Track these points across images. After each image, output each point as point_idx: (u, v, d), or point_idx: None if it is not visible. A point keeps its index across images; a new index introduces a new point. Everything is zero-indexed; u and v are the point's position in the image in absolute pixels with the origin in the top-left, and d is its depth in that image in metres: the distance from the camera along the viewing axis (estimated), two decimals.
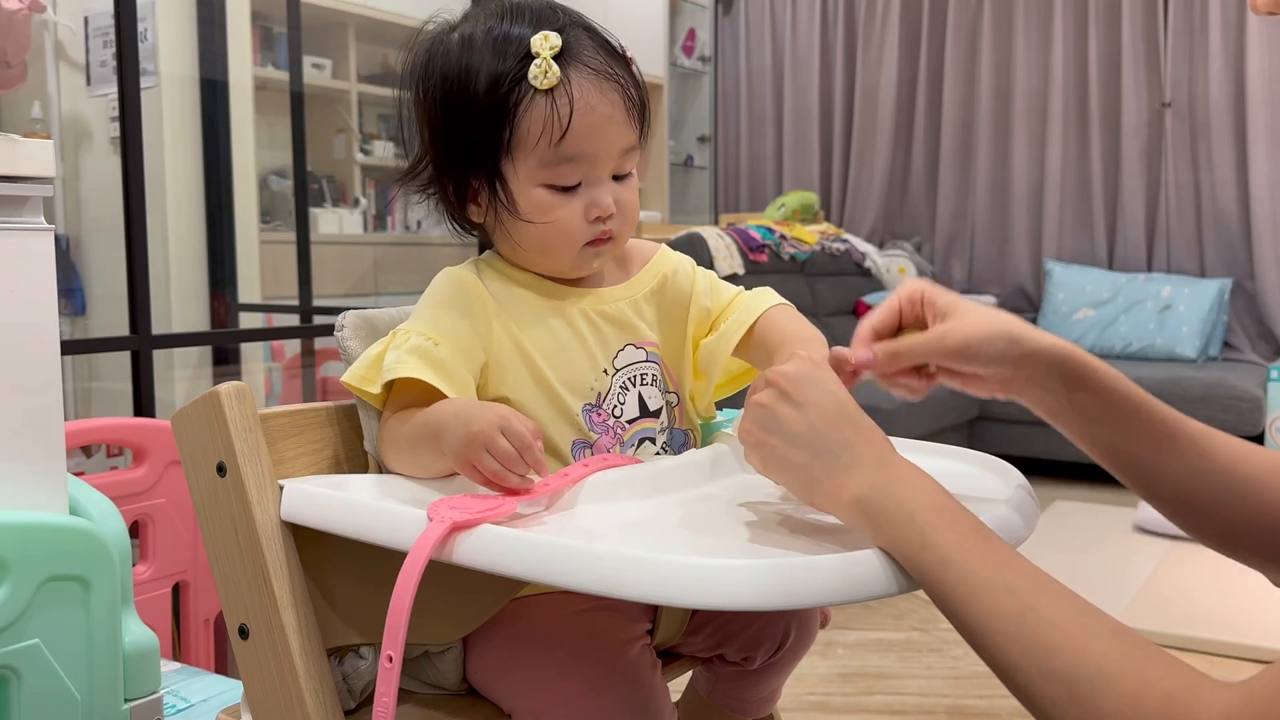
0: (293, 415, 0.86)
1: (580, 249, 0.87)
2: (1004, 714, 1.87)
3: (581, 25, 0.86)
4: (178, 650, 1.57)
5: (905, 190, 5.00)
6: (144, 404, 1.94)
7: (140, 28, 2.53)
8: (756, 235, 3.88)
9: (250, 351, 3.35)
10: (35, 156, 1.01)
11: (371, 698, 0.75)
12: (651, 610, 0.90)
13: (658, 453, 0.90)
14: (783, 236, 4.01)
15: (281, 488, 0.80)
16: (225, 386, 0.80)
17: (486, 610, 0.84)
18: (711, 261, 3.50)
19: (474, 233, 0.93)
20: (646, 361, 0.91)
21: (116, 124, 2.37)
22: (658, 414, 0.91)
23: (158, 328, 2.01)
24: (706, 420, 0.99)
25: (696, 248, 3.52)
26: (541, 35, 0.82)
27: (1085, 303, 4.28)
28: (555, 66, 0.82)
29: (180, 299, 3.11)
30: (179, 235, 3.13)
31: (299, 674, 0.78)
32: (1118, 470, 0.84)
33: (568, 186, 0.85)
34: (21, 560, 0.97)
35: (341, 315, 0.93)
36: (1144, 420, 0.81)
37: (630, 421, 0.89)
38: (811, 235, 4.17)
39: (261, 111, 3.42)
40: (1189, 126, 4.31)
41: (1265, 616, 2.25)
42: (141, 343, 1.94)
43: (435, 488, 0.83)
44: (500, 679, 0.86)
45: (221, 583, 0.81)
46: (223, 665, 1.61)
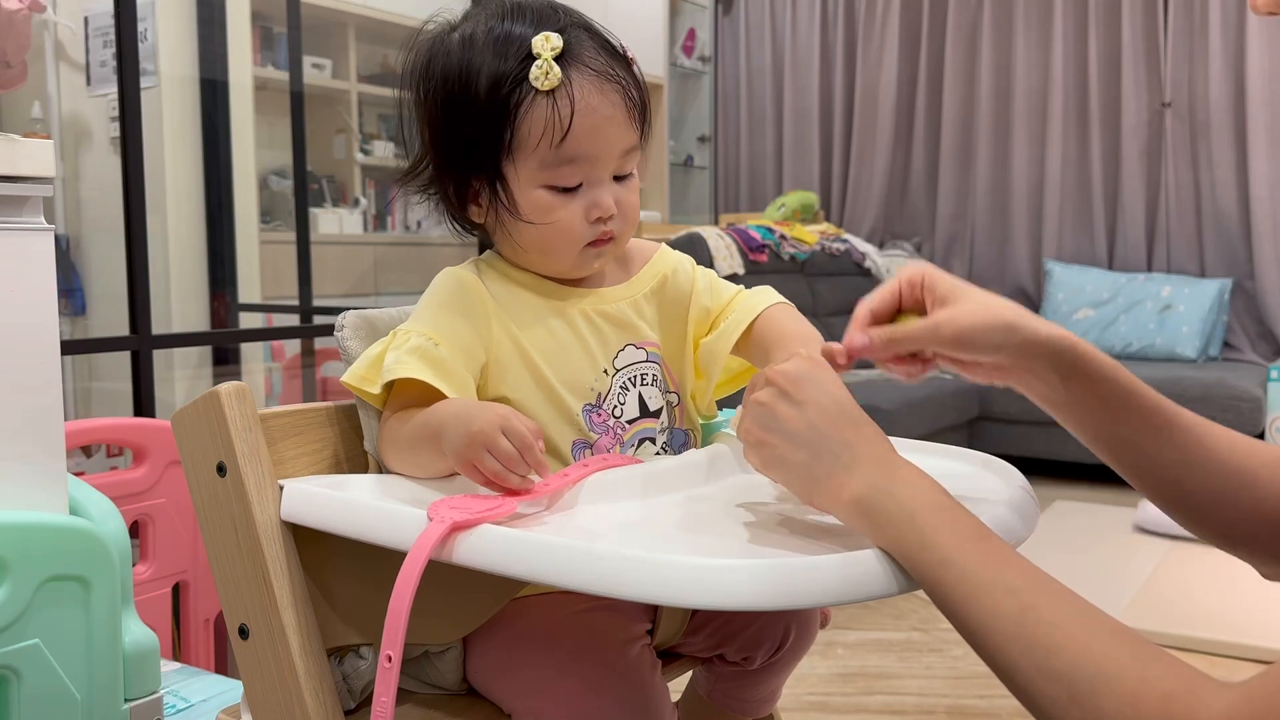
0: (293, 415, 0.87)
1: (581, 250, 0.87)
2: (1004, 714, 1.87)
3: (582, 25, 0.86)
4: (178, 650, 1.56)
5: (905, 190, 5.00)
6: (144, 404, 1.94)
7: (140, 28, 2.53)
8: (756, 235, 3.88)
9: (250, 351, 3.35)
10: (35, 156, 1.01)
11: (371, 698, 0.75)
12: (651, 610, 0.90)
13: (658, 453, 0.90)
14: (783, 236, 4.01)
15: (281, 488, 0.80)
16: (225, 386, 0.80)
17: (486, 610, 0.84)
18: (711, 261, 3.50)
19: (474, 233, 0.93)
20: (647, 361, 0.91)
21: (116, 124, 2.37)
22: (658, 414, 0.91)
23: (158, 328, 2.01)
24: (707, 420, 0.99)
25: (696, 248, 3.52)
26: (542, 36, 0.82)
27: (1085, 303, 4.28)
28: (556, 68, 0.82)
29: (180, 299, 3.11)
30: (179, 235, 3.13)
31: (299, 674, 0.78)
32: (1111, 459, 0.85)
33: (568, 187, 0.85)
34: (21, 560, 0.97)
35: (341, 315, 0.93)
36: (1139, 410, 0.81)
37: (630, 422, 0.89)
38: (811, 235, 4.17)
39: (261, 111, 3.42)
40: (1189, 126, 4.31)
41: (1265, 616, 2.25)
42: (141, 343, 1.94)
43: (435, 488, 0.83)
44: (500, 679, 0.86)
45: (221, 583, 0.81)
46: (223, 665, 1.61)
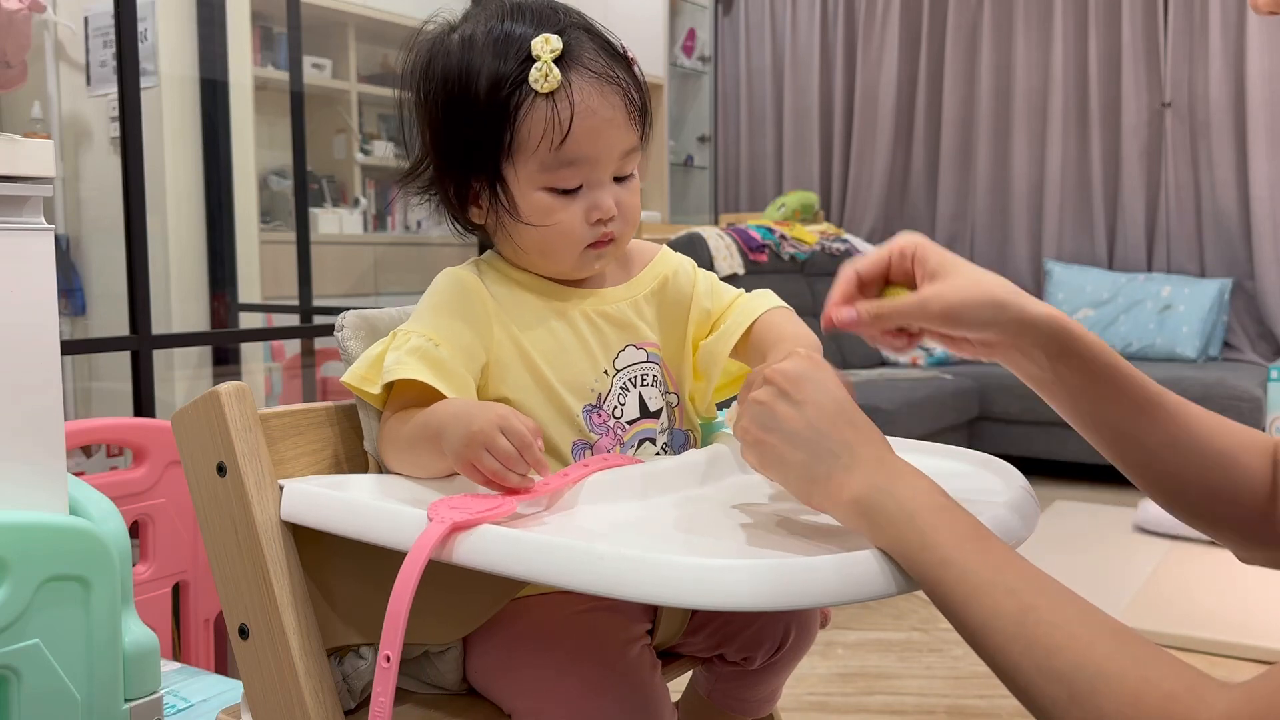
0: (293, 415, 0.86)
1: (582, 251, 0.87)
2: (1004, 714, 1.87)
3: (582, 26, 0.86)
4: (178, 650, 1.56)
5: (905, 190, 5.00)
6: (144, 404, 1.94)
7: (140, 28, 2.53)
8: (756, 235, 3.88)
9: (250, 351, 3.35)
10: (35, 156, 1.01)
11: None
12: (651, 610, 0.90)
13: (658, 453, 0.90)
14: (783, 236, 4.01)
15: (281, 488, 0.80)
16: (225, 386, 0.80)
17: (486, 610, 0.84)
18: (711, 262, 3.50)
19: (475, 233, 0.93)
20: (647, 362, 0.91)
21: (116, 124, 2.37)
22: (658, 414, 0.91)
23: (158, 328, 2.01)
24: (707, 421, 0.99)
25: (696, 248, 3.52)
26: (542, 38, 0.82)
27: (1085, 303, 4.29)
28: (556, 70, 0.81)
29: (180, 299, 3.11)
30: (179, 235, 3.13)
31: (299, 674, 0.78)
32: (1096, 439, 0.85)
33: (569, 189, 0.85)
34: (21, 560, 0.97)
35: (341, 315, 0.93)
36: (1124, 390, 0.81)
37: (631, 422, 0.89)
38: (811, 235, 4.17)
39: (261, 111, 3.42)
40: (1189, 126, 4.31)
41: (1265, 616, 2.25)
42: (141, 343, 1.94)
43: (435, 488, 0.83)
44: (500, 679, 0.86)
45: (221, 583, 0.81)
46: (223, 665, 1.61)
